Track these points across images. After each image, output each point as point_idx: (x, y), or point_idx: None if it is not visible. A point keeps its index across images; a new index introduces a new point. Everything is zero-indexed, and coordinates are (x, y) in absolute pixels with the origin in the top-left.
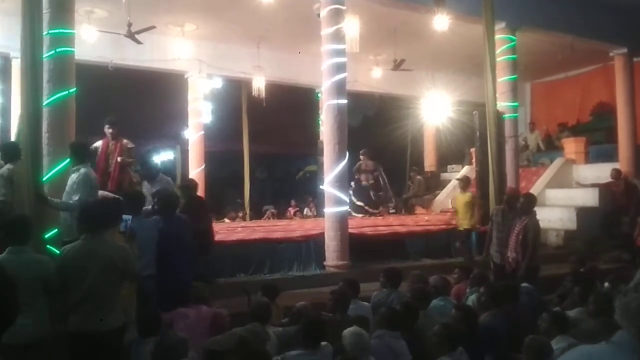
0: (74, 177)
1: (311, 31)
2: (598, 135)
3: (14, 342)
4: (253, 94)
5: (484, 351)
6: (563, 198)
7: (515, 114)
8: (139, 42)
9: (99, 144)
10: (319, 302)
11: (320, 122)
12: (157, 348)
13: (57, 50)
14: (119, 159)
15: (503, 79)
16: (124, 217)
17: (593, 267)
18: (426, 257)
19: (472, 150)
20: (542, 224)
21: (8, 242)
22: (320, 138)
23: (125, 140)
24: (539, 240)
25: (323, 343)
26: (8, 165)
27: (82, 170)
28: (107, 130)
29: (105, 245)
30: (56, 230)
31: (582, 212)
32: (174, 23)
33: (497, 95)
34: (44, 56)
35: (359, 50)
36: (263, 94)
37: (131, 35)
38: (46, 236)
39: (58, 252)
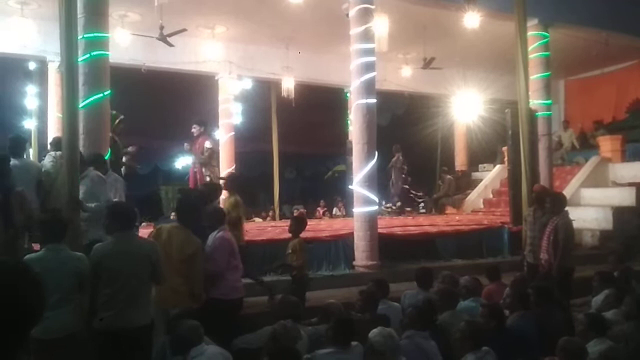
0: (86, 183)
1: (340, 31)
2: (635, 133)
3: (48, 336)
4: (282, 94)
5: (513, 353)
6: (599, 197)
7: (548, 112)
8: (170, 45)
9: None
10: (349, 302)
11: (349, 121)
12: (172, 342)
13: (92, 54)
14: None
15: (536, 76)
16: None
17: (627, 268)
18: (457, 258)
19: (504, 148)
20: (577, 224)
21: (45, 240)
22: (349, 138)
23: (204, 140)
24: (571, 241)
25: (354, 343)
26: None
27: (90, 174)
28: (192, 130)
29: (138, 242)
30: None
31: (619, 212)
32: (204, 25)
33: (529, 92)
34: (79, 60)
35: (388, 49)
36: (292, 94)
37: (163, 38)
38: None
39: None
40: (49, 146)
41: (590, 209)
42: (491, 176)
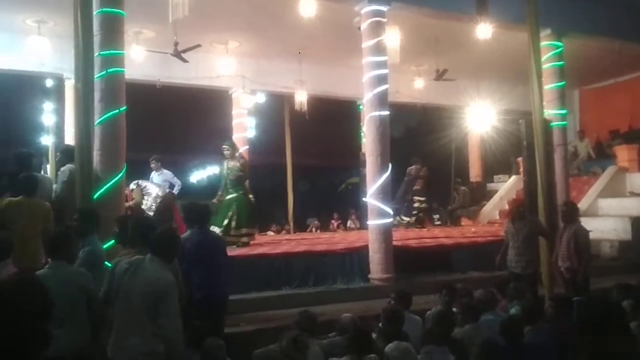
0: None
1: (352, 44)
2: None
3: (53, 354)
4: (295, 107)
5: None
6: (616, 207)
7: (563, 122)
8: (185, 61)
9: None
10: (364, 315)
11: (362, 134)
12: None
13: (108, 70)
14: None
15: (550, 86)
16: None
17: None
18: (473, 270)
19: (519, 159)
20: (594, 235)
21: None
22: (363, 150)
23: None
24: (590, 248)
25: (371, 355)
26: (69, 165)
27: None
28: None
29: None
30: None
31: (637, 222)
32: (218, 41)
33: (544, 103)
34: (95, 77)
35: (400, 62)
36: (305, 108)
37: (177, 54)
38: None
39: (110, 265)
40: (58, 154)
41: (608, 219)
42: (507, 187)
